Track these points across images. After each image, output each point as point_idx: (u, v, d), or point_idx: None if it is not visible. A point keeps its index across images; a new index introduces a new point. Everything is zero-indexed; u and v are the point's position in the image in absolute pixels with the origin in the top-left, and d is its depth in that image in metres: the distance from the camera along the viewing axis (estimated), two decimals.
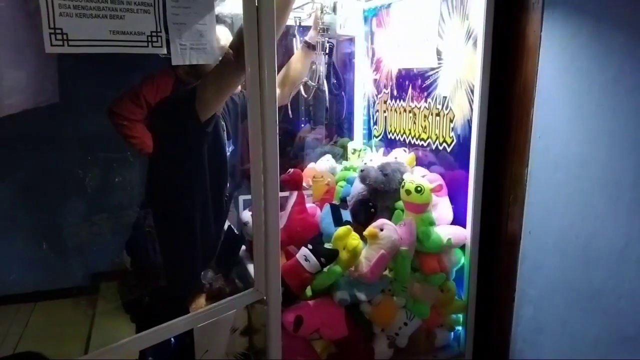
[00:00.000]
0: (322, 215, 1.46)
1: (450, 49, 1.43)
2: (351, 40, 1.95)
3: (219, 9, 1.65)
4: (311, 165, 1.83)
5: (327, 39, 1.61)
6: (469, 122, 1.36)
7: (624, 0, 1.04)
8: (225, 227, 1.64)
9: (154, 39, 1.01)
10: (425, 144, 1.59)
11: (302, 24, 1.70)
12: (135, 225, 1.51)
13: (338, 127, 2.15)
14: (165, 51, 1.02)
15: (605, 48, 1.09)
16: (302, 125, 2.19)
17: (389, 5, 1.73)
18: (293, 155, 2.12)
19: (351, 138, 2.04)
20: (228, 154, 1.53)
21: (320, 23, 1.57)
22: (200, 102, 1.31)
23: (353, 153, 1.87)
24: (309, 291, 1.32)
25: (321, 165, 1.81)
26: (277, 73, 1.16)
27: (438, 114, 1.51)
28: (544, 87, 1.24)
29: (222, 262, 1.61)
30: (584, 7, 1.13)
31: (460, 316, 1.49)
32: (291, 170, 1.48)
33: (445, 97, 1.47)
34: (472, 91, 1.34)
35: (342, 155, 1.98)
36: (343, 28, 1.55)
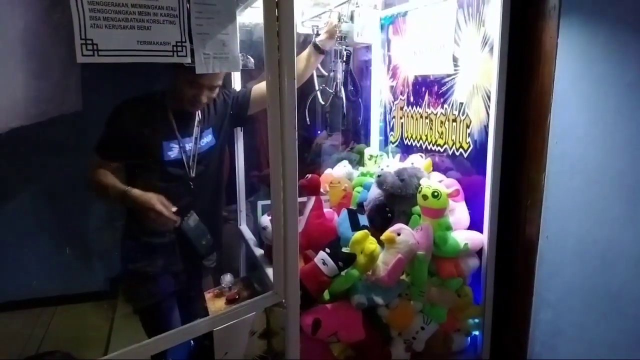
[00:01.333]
0: (340, 220, 1.48)
1: (466, 55, 1.45)
2: (368, 47, 1.98)
3: (240, 19, 1.69)
4: (328, 171, 1.86)
5: (344, 46, 1.64)
6: (486, 127, 1.38)
7: (637, 6, 1.04)
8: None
9: (179, 48, 1.04)
10: (441, 150, 1.60)
11: (320, 32, 1.73)
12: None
13: (355, 134, 2.17)
14: (189, 60, 1.06)
15: (622, 53, 1.10)
16: (319, 131, 2.22)
17: (405, 13, 1.76)
18: (310, 161, 2.15)
19: (368, 144, 2.06)
20: (208, 147, 1.62)
21: (337, 31, 1.60)
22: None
23: (369, 159, 1.89)
24: (326, 295, 1.34)
25: (338, 171, 1.83)
26: None
27: (454, 120, 1.52)
28: (561, 93, 1.25)
29: None
30: (600, 13, 1.14)
31: (478, 320, 1.49)
32: (309, 175, 1.50)
33: (461, 103, 1.48)
34: (488, 97, 1.36)
35: (358, 162, 2.01)
36: (360, 36, 1.57)
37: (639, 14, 1.06)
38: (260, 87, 1.69)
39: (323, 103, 1.71)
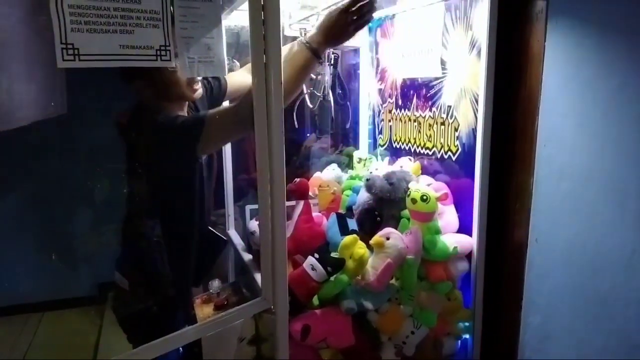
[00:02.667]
0: (329, 224, 1.47)
1: (454, 58, 1.45)
2: (356, 50, 1.98)
3: (226, 22, 1.67)
4: (317, 174, 1.85)
5: (332, 50, 1.62)
6: (474, 131, 1.37)
7: (628, 10, 1.05)
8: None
9: (163, 52, 1.03)
10: (430, 153, 1.60)
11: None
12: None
13: (344, 136, 2.16)
14: (173, 64, 1.04)
15: (609, 57, 1.10)
16: (308, 134, 2.21)
17: (393, 16, 1.75)
18: (299, 164, 2.14)
19: (357, 147, 2.06)
20: None
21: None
22: (204, 145, 1.29)
23: (359, 162, 1.88)
24: (315, 300, 1.33)
25: (327, 175, 1.82)
26: None
27: (443, 123, 1.52)
28: (548, 96, 1.25)
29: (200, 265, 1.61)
30: (587, 17, 1.14)
31: (468, 324, 1.49)
32: (297, 180, 1.49)
33: (449, 107, 1.48)
34: (476, 100, 1.35)
35: (347, 164, 2.00)
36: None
37: (625, 18, 1.06)
38: (233, 76, 1.63)
39: (311, 106, 1.69)
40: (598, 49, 1.12)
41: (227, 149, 1.91)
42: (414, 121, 1.67)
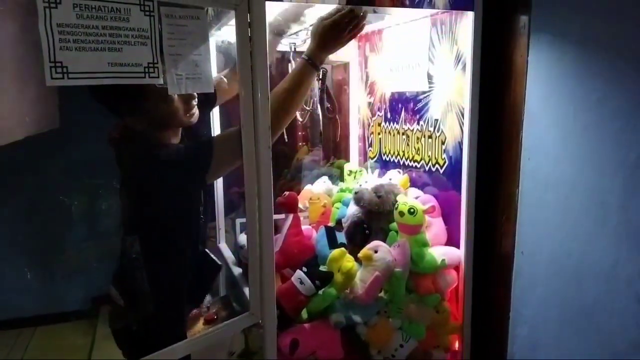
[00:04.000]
0: (317, 237, 1.47)
1: (440, 73, 1.47)
2: (345, 65, 2.00)
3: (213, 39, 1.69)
4: (308, 187, 1.86)
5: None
6: (460, 144, 1.39)
7: (607, 26, 1.07)
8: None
9: (151, 69, 1.04)
10: (418, 166, 1.62)
11: (297, 49, 1.74)
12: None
13: (334, 149, 2.18)
14: (161, 81, 1.05)
15: (589, 72, 1.12)
16: (299, 146, 2.23)
17: (380, 31, 1.78)
18: (291, 177, 2.15)
19: (347, 159, 2.07)
20: None
21: None
22: (213, 173, 1.28)
23: (349, 174, 1.89)
24: (304, 314, 1.34)
25: (318, 187, 1.83)
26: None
27: (430, 136, 1.53)
28: (532, 110, 1.28)
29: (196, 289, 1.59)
30: (567, 32, 1.17)
31: (457, 336, 1.49)
32: (286, 193, 1.50)
33: (436, 120, 1.50)
34: (462, 114, 1.37)
35: (338, 177, 2.01)
36: (336, 54, 1.58)
37: (604, 34, 1.08)
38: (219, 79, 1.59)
39: (301, 120, 1.71)
40: (578, 64, 1.15)
41: None
42: (403, 134, 1.69)
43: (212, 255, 1.65)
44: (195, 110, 1.34)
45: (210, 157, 1.23)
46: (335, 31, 1.25)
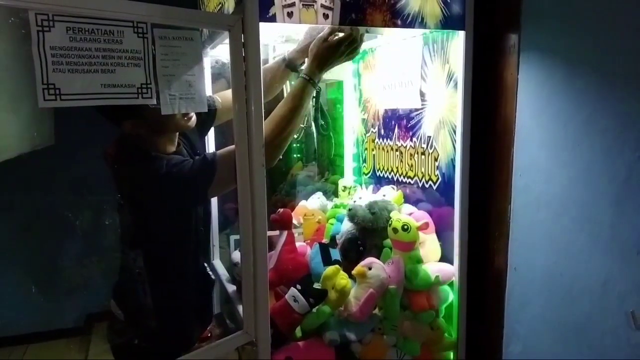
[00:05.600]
0: (312, 254, 1.47)
1: (432, 91, 1.48)
2: (339, 83, 2.02)
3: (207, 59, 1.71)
4: (302, 202, 1.86)
5: None
6: (453, 160, 1.40)
7: (595, 45, 1.09)
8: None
9: (144, 90, 1.05)
10: (412, 182, 1.62)
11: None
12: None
13: (329, 165, 2.19)
14: (155, 102, 1.06)
15: (578, 90, 1.14)
16: (294, 163, 2.24)
17: (374, 50, 1.80)
18: (285, 192, 2.16)
19: (342, 175, 2.08)
20: None
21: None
22: (215, 189, 1.29)
23: (343, 190, 1.90)
24: (298, 332, 1.33)
25: (312, 203, 1.84)
26: None
27: (423, 153, 1.55)
28: (522, 127, 1.29)
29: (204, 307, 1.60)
30: (557, 50, 1.19)
31: (451, 353, 1.49)
32: (280, 210, 1.50)
33: (429, 137, 1.51)
34: (454, 131, 1.39)
35: (333, 192, 2.02)
36: (329, 72, 1.59)
37: (593, 52, 1.10)
38: (224, 95, 1.60)
39: (295, 137, 1.72)
40: (568, 82, 1.16)
41: None
42: (396, 150, 1.70)
43: (208, 270, 1.66)
44: (193, 115, 1.35)
45: (213, 172, 1.24)
46: (336, 53, 1.31)
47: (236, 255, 1.56)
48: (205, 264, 1.64)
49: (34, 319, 2.96)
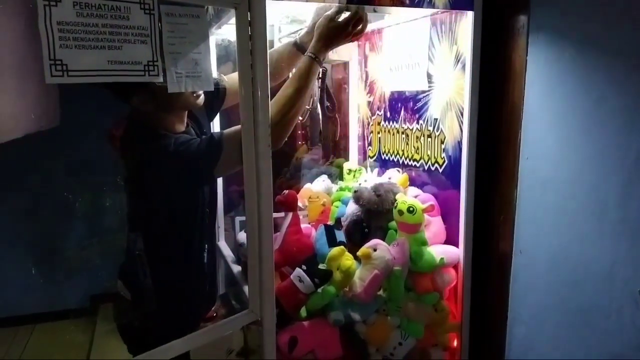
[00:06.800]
0: (317, 236, 1.48)
1: (440, 72, 1.47)
2: (345, 64, 2.00)
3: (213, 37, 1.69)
4: (307, 185, 1.86)
5: None
6: (460, 143, 1.39)
7: (605, 26, 1.07)
8: None
9: (151, 67, 1.04)
10: (418, 165, 1.62)
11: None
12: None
13: (334, 148, 2.18)
14: (161, 79, 1.06)
15: (587, 71, 1.13)
16: (299, 145, 2.23)
17: (380, 30, 1.78)
18: (290, 175, 2.15)
19: (347, 158, 2.08)
20: None
21: None
22: (222, 168, 1.29)
23: (348, 173, 1.90)
24: (303, 312, 1.34)
25: (317, 186, 1.84)
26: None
27: (429, 136, 1.54)
28: (530, 109, 1.28)
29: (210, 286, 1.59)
30: (566, 32, 1.17)
31: (455, 335, 1.50)
32: (286, 191, 1.50)
33: (436, 119, 1.50)
34: (461, 113, 1.38)
35: (338, 176, 2.01)
36: (335, 53, 1.59)
37: (602, 33, 1.09)
38: (232, 77, 1.56)
39: (301, 118, 1.71)
40: (577, 64, 1.15)
41: None
42: (402, 133, 1.69)
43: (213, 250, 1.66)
44: (202, 92, 1.34)
45: (220, 150, 1.24)
46: (342, 32, 1.31)
47: (242, 236, 1.56)
48: (210, 245, 1.65)
49: (41, 299, 2.99)
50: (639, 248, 1.01)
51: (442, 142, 1.48)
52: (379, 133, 1.86)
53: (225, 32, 1.69)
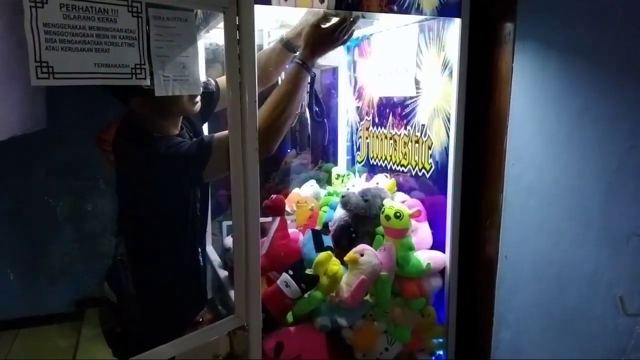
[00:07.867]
0: (304, 241, 1.48)
1: (428, 78, 1.48)
2: (334, 69, 2.01)
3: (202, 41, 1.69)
4: (296, 190, 1.86)
5: None
6: (446, 149, 1.41)
7: (590, 35, 1.09)
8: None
9: (138, 71, 1.04)
10: (405, 170, 1.63)
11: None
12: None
13: (323, 153, 2.18)
14: (148, 82, 1.06)
15: (572, 80, 1.14)
16: (288, 150, 2.23)
17: (370, 36, 1.79)
18: (279, 180, 2.15)
19: (335, 163, 2.08)
20: None
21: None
22: (210, 173, 1.28)
23: (337, 178, 1.90)
24: (290, 317, 1.33)
25: (305, 191, 1.84)
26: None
27: (417, 141, 1.55)
28: (516, 116, 1.29)
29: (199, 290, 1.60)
30: (551, 40, 1.19)
31: (442, 340, 1.50)
32: (273, 196, 1.50)
33: (423, 125, 1.51)
34: (448, 119, 1.39)
35: (326, 181, 2.02)
36: (325, 59, 1.59)
37: (587, 42, 1.10)
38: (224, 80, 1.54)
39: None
40: (562, 71, 1.17)
41: None
42: (390, 139, 1.70)
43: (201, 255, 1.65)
44: (199, 99, 1.35)
45: (209, 154, 1.24)
46: (330, 38, 1.30)
47: (229, 241, 1.56)
48: (200, 250, 1.64)
49: (25, 303, 2.95)
50: (621, 253, 1.03)
51: (429, 148, 1.49)
52: (367, 138, 1.87)
53: (214, 35, 1.69)
